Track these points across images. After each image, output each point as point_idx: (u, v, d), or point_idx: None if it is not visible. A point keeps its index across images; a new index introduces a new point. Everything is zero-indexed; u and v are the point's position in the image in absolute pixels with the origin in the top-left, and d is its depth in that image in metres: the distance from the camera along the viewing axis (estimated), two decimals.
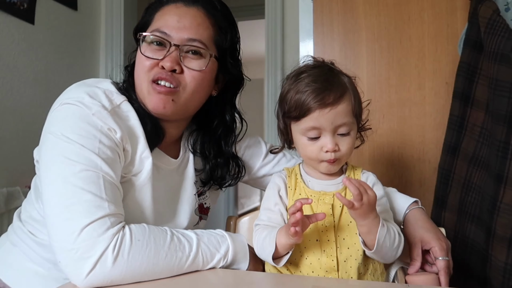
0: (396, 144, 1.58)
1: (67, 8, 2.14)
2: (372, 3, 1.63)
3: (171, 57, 0.82)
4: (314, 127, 0.80)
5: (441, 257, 0.83)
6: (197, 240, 0.78)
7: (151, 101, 0.83)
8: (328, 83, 0.81)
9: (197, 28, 0.84)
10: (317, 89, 0.80)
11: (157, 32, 0.83)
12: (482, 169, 1.25)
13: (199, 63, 0.84)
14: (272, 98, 2.10)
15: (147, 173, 0.83)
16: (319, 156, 0.82)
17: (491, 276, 1.17)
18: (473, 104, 1.30)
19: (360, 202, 0.72)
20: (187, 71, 0.84)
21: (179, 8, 0.85)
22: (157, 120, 0.86)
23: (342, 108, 0.81)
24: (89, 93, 0.78)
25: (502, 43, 1.17)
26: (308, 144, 0.83)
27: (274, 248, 0.77)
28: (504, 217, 1.13)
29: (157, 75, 0.82)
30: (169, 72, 0.82)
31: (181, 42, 0.83)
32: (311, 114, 0.80)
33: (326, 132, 0.81)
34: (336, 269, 0.79)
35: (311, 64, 0.88)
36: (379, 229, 0.75)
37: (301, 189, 0.86)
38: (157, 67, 0.83)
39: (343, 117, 0.81)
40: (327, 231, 0.81)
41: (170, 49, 0.82)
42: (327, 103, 0.79)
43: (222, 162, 0.97)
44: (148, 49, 0.83)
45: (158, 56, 0.82)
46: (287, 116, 0.85)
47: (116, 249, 0.69)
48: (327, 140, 0.81)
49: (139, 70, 0.85)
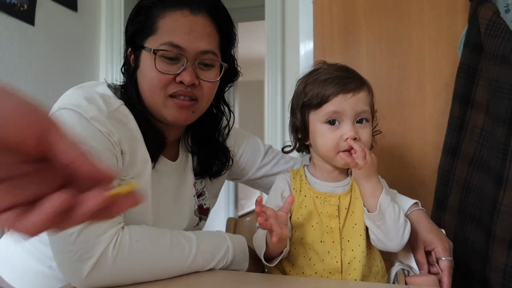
0: (396, 145, 1.58)
1: (67, 9, 2.14)
2: (372, 4, 1.63)
3: (189, 72, 0.81)
4: (336, 111, 0.80)
5: (444, 257, 0.83)
6: (196, 241, 0.78)
7: (170, 114, 0.83)
8: (349, 72, 0.84)
9: (207, 39, 0.84)
10: (339, 76, 0.82)
11: (170, 46, 0.80)
12: (482, 171, 1.25)
13: (212, 73, 0.86)
14: (272, 99, 2.09)
15: (147, 176, 0.83)
16: (339, 146, 0.81)
17: (491, 277, 1.17)
18: (473, 106, 1.30)
19: (364, 159, 0.73)
20: (203, 83, 0.84)
21: (186, 16, 0.82)
22: (158, 129, 0.86)
23: (363, 96, 0.82)
24: (86, 98, 0.77)
25: (502, 45, 1.17)
26: (328, 132, 0.82)
27: (265, 246, 0.77)
28: (504, 219, 1.12)
29: (177, 91, 0.82)
30: (188, 87, 0.82)
31: (196, 56, 0.82)
32: (333, 99, 0.80)
33: (347, 119, 0.80)
34: (340, 271, 0.79)
35: (323, 64, 0.89)
36: (382, 194, 0.76)
37: (306, 190, 0.86)
38: (174, 82, 0.82)
39: (364, 104, 0.82)
40: (332, 233, 0.81)
41: (186, 64, 0.81)
42: (350, 88, 0.80)
43: (211, 152, 0.97)
44: (161, 63, 0.81)
45: (173, 70, 0.81)
46: (307, 105, 0.84)
47: (115, 250, 0.68)
48: (348, 127, 0.80)
49: (153, 84, 0.82)
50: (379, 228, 0.78)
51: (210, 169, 0.97)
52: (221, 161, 0.99)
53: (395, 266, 0.88)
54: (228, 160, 1.00)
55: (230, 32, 0.90)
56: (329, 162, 0.85)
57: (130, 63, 0.88)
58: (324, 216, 0.82)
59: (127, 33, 0.88)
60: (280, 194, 0.87)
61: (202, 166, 0.96)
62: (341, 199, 0.83)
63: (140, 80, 0.85)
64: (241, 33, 0.96)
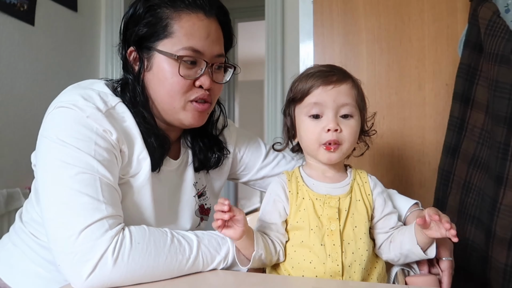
0: (396, 145, 1.58)
1: (67, 9, 2.14)
2: (372, 4, 1.63)
3: (208, 76, 0.83)
4: (317, 102, 0.82)
5: (444, 257, 0.83)
6: (197, 242, 0.77)
7: (188, 117, 0.85)
8: (333, 68, 0.85)
9: (219, 42, 0.86)
10: (322, 71, 0.84)
11: (191, 51, 0.81)
12: (482, 171, 1.25)
13: (221, 75, 0.89)
14: (272, 99, 2.10)
15: (145, 175, 0.82)
16: (320, 138, 0.81)
17: (491, 277, 1.17)
18: (473, 106, 1.30)
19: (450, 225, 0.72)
20: (215, 85, 0.86)
21: (202, 20, 0.82)
22: (163, 135, 0.86)
23: (345, 88, 0.83)
24: (83, 96, 0.77)
25: (502, 45, 1.17)
26: (310, 125, 0.83)
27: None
28: (504, 219, 1.13)
29: (199, 95, 0.83)
30: (206, 91, 0.84)
31: (212, 60, 0.84)
32: (314, 91, 0.82)
33: (328, 111, 0.81)
34: (340, 274, 0.79)
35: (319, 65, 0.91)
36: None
37: (304, 192, 0.84)
38: (194, 87, 0.83)
39: (345, 96, 0.82)
40: (332, 235, 0.80)
41: (204, 68, 0.82)
42: (330, 80, 0.82)
43: (208, 144, 0.97)
44: (182, 68, 0.81)
45: (193, 75, 0.82)
46: (292, 100, 0.87)
47: (115, 251, 0.68)
48: (329, 118, 0.81)
49: (174, 89, 0.82)
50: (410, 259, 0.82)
51: (208, 160, 0.97)
52: (218, 151, 0.99)
53: (395, 266, 0.88)
54: (222, 149, 1.00)
55: (231, 34, 0.92)
56: (314, 157, 0.85)
57: (129, 62, 0.86)
58: (324, 218, 0.81)
59: (131, 33, 0.84)
60: (273, 199, 0.86)
61: (200, 158, 0.96)
62: (341, 201, 0.83)
63: (152, 83, 0.84)
64: (241, 33, 0.97)
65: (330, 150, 0.81)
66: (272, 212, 0.85)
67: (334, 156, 0.83)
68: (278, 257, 0.82)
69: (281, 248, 0.83)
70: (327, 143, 0.81)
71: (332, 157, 0.83)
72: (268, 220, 0.85)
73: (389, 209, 0.86)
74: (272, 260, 0.82)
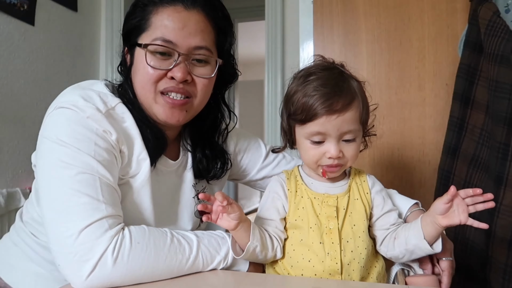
0: (396, 145, 1.58)
1: (67, 9, 2.14)
2: (372, 4, 1.63)
3: (181, 67, 0.80)
4: (320, 132, 0.79)
5: (444, 257, 0.83)
6: (197, 242, 0.78)
7: (162, 113, 0.82)
8: (337, 89, 0.79)
9: (202, 34, 0.82)
10: (326, 94, 0.78)
11: (161, 41, 0.80)
12: (482, 171, 1.25)
13: (206, 70, 0.84)
14: (272, 99, 2.10)
15: (145, 175, 0.82)
16: (320, 161, 0.81)
17: (491, 277, 1.17)
18: (473, 106, 1.30)
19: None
20: (197, 80, 0.83)
21: (179, 12, 0.81)
22: (158, 128, 0.86)
23: (350, 115, 0.79)
24: (83, 96, 0.77)
25: (502, 45, 1.17)
26: (311, 148, 0.81)
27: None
28: (504, 219, 1.13)
29: (168, 87, 0.81)
30: (180, 84, 0.81)
31: (189, 51, 0.81)
32: (317, 120, 0.78)
33: (331, 138, 0.79)
34: (339, 272, 0.79)
35: (321, 65, 0.85)
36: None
37: (302, 191, 0.85)
38: (165, 78, 0.81)
39: (349, 124, 0.79)
40: (331, 234, 0.80)
41: (178, 59, 0.80)
42: (335, 109, 0.77)
43: (210, 154, 0.96)
44: (152, 59, 0.80)
45: (165, 66, 0.80)
46: (293, 118, 0.83)
47: (115, 251, 0.68)
48: (331, 146, 0.79)
49: (144, 80, 0.82)
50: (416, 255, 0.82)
51: (208, 172, 0.96)
52: (220, 164, 0.98)
53: (395, 266, 0.88)
54: (226, 163, 0.99)
55: (226, 28, 0.89)
56: (313, 171, 0.87)
57: (126, 61, 0.88)
58: (322, 217, 0.82)
59: (123, 32, 0.87)
60: (272, 197, 0.86)
61: (200, 168, 0.95)
62: (339, 200, 0.83)
63: (133, 77, 0.85)
64: (241, 33, 0.96)
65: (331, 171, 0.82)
66: (271, 209, 0.85)
67: (333, 175, 0.84)
68: (276, 253, 0.82)
69: (279, 244, 0.83)
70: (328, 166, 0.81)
71: (331, 175, 0.84)
72: (266, 216, 0.85)
73: (388, 207, 0.86)
74: (268, 255, 0.81)
